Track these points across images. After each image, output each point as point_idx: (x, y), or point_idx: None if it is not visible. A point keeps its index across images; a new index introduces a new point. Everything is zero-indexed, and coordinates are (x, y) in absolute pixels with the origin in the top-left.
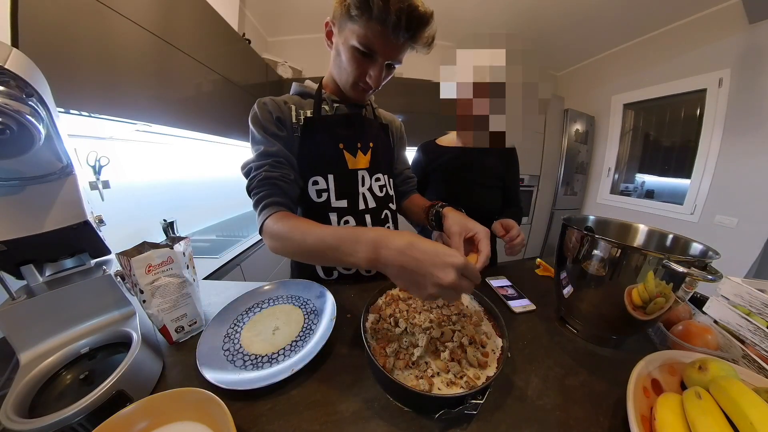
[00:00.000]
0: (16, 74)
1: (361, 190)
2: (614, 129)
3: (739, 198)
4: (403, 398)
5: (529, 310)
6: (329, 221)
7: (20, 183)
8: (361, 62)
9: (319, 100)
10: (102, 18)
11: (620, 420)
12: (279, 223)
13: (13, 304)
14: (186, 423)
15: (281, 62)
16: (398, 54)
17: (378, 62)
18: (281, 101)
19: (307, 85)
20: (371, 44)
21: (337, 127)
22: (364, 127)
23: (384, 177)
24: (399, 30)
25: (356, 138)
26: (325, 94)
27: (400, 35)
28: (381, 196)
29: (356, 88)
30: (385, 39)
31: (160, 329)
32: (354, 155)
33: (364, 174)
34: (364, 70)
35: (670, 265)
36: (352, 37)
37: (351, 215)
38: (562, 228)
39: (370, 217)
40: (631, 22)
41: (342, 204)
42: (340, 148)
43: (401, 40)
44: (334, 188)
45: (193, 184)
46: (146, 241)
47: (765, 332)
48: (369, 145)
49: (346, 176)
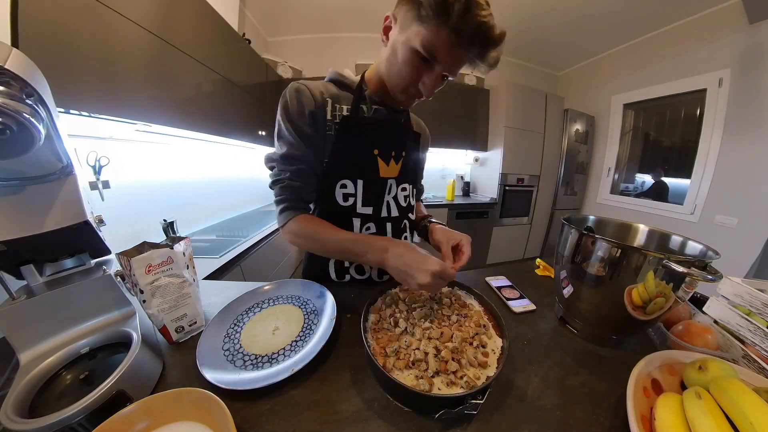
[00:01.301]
0: (16, 74)
1: (386, 198)
2: (614, 129)
3: (739, 198)
4: (403, 398)
5: (529, 310)
6: (351, 226)
7: (20, 183)
8: (418, 67)
9: (359, 97)
10: (102, 18)
11: (620, 420)
12: (303, 224)
13: (13, 304)
14: (186, 423)
15: (281, 62)
16: (459, 67)
17: (435, 71)
18: (317, 92)
19: (347, 76)
20: (436, 51)
21: (374, 132)
22: (400, 135)
23: (409, 187)
24: (472, 45)
25: (392, 145)
26: (366, 90)
27: (470, 50)
28: (404, 206)
29: (406, 93)
30: (452, 50)
31: (160, 329)
32: (387, 163)
33: (392, 182)
34: (419, 75)
35: (670, 265)
36: (416, 39)
37: (373, 222)
38: (561, 228)
39: (391, 226)
40: (631, 22)
41: (367, 211)
42: (375, 155)
43: (469, 55)
44: (362, 194)
45: (193, 184)
46: (146, 241)
47: (765, 332)
48: (402, 154)
49: (375, 183)
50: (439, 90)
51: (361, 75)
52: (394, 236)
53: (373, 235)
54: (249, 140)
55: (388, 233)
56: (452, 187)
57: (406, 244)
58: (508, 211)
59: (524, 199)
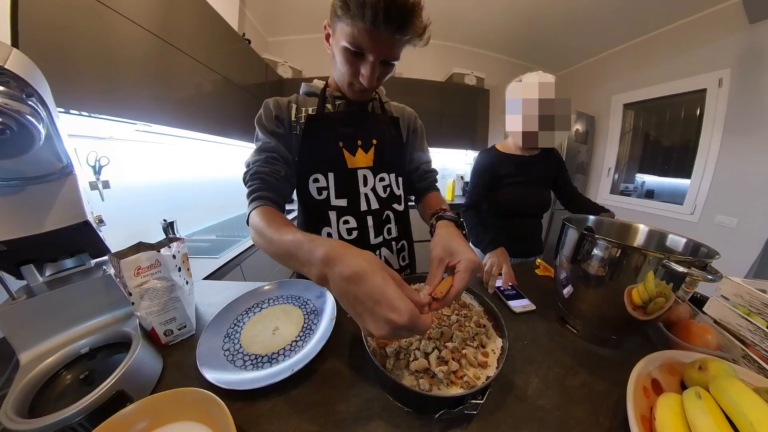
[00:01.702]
0: (16, 74)
1: (363, 190)
2: (614, 129)
3: (739, 198)
4: (403, 398)
5: (529, 310)
6: (329, 220)
7: (20, 183)
8: (353, 62)
9: (323, 98)
10: (102, 18)
11: (620, 420)
12: (259, 217)
13: (13, 304)
14: (186, 423)
15: (281, 62)
16: (389, 50)
17: (369, 60)
18: (285, 101)
19: (314, 84)
20: (358, 42)
21: (337, 125)
22: (367, 124)
23: (390, 176)
24: (379, 24)
25: (357, 136)
26: (329, 91)
27: (382, 29)
28: (384, 197)
29: (352, 89)
30: (369, 35)
31: (149, 331)
32: (353, 154)
33: (366, 173)
34: (357, 69)
35: (670, 265)
36: (342, 37)
37: (351, 215)
38: (562, 228)
39: (371, 219)
40: (631, 22)
41: (341, 203)
42: (340, 147)
43: (385, 34)
44: (333, 187)
45: (193, 184)
46: (142, 241)
47: (765, 332)
48: (372, 143)
49: (345, 175)
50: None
51: (326, 80)
52: (376, 231)
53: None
54: (249, 140)
55: (369, 227)
56: (452, 187)
57: (367, 257)
58: None
59: None
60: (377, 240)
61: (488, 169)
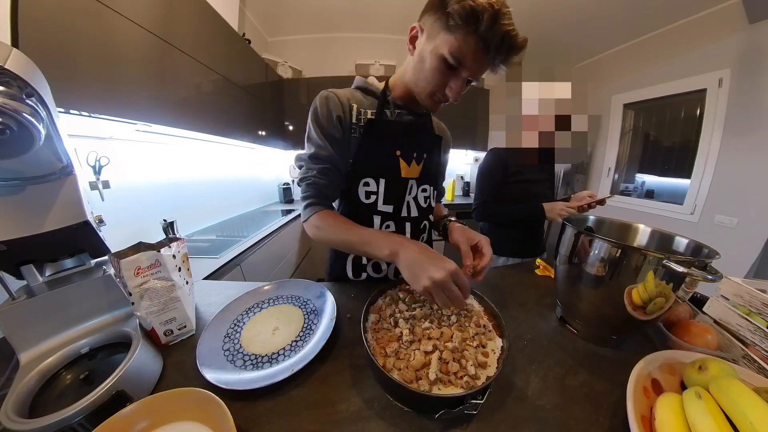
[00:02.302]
0: (16, 74)
1: (407, 198)
2: (614, 129)
3: (739, 198)
4: (403, 398)
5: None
6: (372, 223)
7: (20, 183)
8: (445, 73)
9: (383, 102)
10: (102, 18)
11: (620, 420)
12: (325, 219)
13: (13, 304)
14: (186, 423)
15: (281, 62)
16: (483, 72)
17: (461, 76)
18: (344, 98)
19: (371, 83)
20: (463, 58)
21: (397, 134)
22: (422, 138)
23: (430, 189)
24: (497, 52)
25: (413, 147)
26: (390, 96)
27: (496, 57)
28: (424, 207)
29: (432, 98)
30: (478, 56)
31: (149, 331)
32: (408, 164)
33: (413, 183)
34: (445, 81)
35: (671, 266)
36: (443, 47)
37: (393, 221)
38: (562, 228)
39: (410, 225)
40: (631, 22)
41: (388, 209)
42: (397, 155)
43: (495, 61)
44: (383, 192)
45: (193, 184)
46: (142, 241)
47: (765, 332)
48: (423, 156)
49: (397, 183)
50: None
51: (386, 82)
52: (412, 236)
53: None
54: (249, 140)
55: (407, 233)
56: (452, 187)
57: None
58: None
59: None
60: None
61: (498, 166)
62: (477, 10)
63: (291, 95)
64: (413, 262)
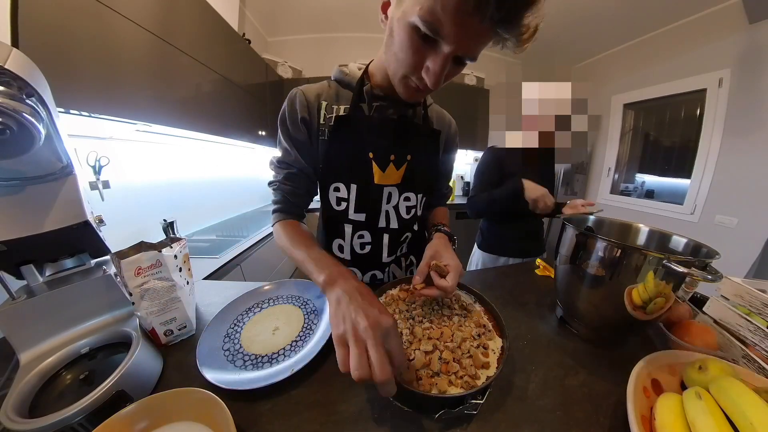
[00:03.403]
0: (16, 74)
1: (385, 207)
2: (614, 129)
3: (739, 198)
4: (403, 398)
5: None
6: (343, 232)
7: (20, 183)
8: (419, 49)
9: (358, 94)
10: (102, 18)
11: (620, 420)
12: (281, 231)
13: (13, 304)
14: (186, 423)
15: (281, 62)
16: (475, 43)
17: (442, 51)
18: (313, 95)
19: (349, 72)
20: (438, 24)
21: (371, 133)
22: (405, 136)
23: (416, 197)
24: (486, 7)
25: (391, 149)
26: (368, 86)
27: (486, 15)
28: (406, 219)
29: (406, 84)
30: (460, 18)
31: (149, 331)
32: (383, 169)
33: (392, 190)
34: (421, 59)
35: (671, 266)
36: (412, 11)
37: (368, 230)
38: (561, 228)
39: (388, 237)
40: (631, 22)
41: (360, 218)
42: (369, 158)
43: (486, 22)
44: (354, 200)
45: (193, 184)
46: (143, 241)
47: (765, 332)
48: (406, 158)
49: (370, 190)
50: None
51: (365, 67)
52: (390, 249)
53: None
54: (249, 140)
55: (385, 245)
56: (452, 187)
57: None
58: None
59: None
60: (389, 259)
61: (494, 165)
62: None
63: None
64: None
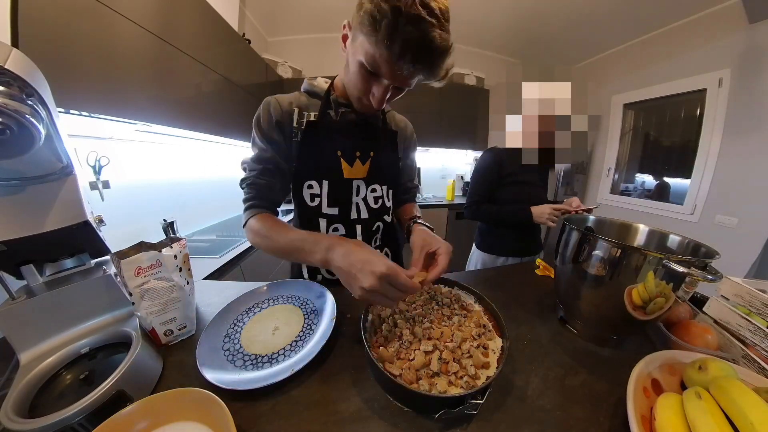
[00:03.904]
0: (16, 74)
1: (355, 200)
2: (614, 129)
3: (739, 198)
4: (403, 398)
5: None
6: (318, 227)
7: (20, 183)
8: (366, 79)
9: (326, 103)
10: (102, 18)
11: (620, 420)
12: (260, 223)
13: (13, 304)
14: (186, 423)
15: (281, 62)
16: (405, 81)
17: (383, 84)
18: (286, 102)
19: (317, 85)
20: (377, 66)
21: (338, 134)
22: (367, 136)
23: (382, 188)
24: (403, 61)
25: (356, 146)
26: (334, 96)
27: (404, 67)
28: (375, 208)
29: (360, 103)
30: (390, 65)
31: (149, 331)
32: (351, 164)
33: (360, 183)
34: (368, 87)
35: (671, 266)
36: (360, 52)
37: (341, 223)
38: (561, 228)
39: (361, 228)
40: (631, 22)
41: (333, 211)
42: (338, 156)
43: (406, 72)
44: (327, 195)
45: (193, 184)
46: (144, 240)
47: (765, 332)
48: (369, 155)
49: (340, 184)
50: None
51: (331, 81)
52: (364, 239)
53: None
54: (249, 140)
55: (358, 235)
56: (452, 187)
57: (357, 242)
58: None
59: None
60: None
61: (494, 166)
62: (374, 15)
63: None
64: (343, 271)
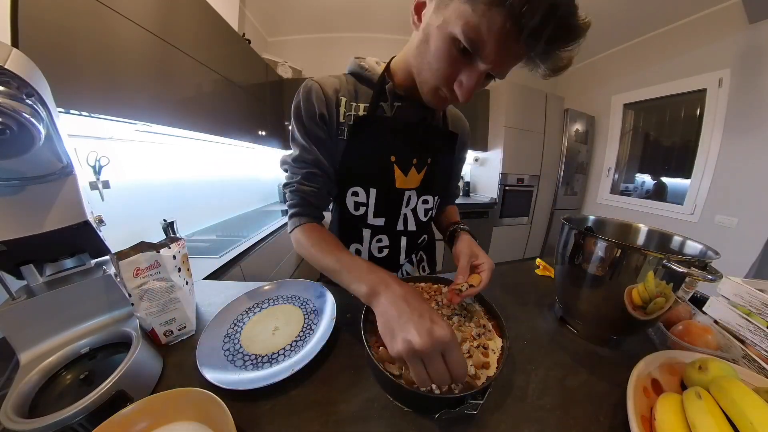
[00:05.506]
0: (16, 74)
1: (403, 211)
2: (614, 129)
3: (739, 198)
4: (403, 398)
5: None
6: (361, 237)
7: (20, 183)
8: (455, 61)
9: (379, 93)
10: (102, 18)
11: (620, 420)
12: (305, 236)
13: (13, 304)
14: (186, 423)
15: (281, 62)
16: (511, 65)
17: (478, 68)
18: (331, 89)
19: (369, 67)
20: (482, 41)
21: (394, 135)
22: (427, 139)
23: (433, 199)
24: (537, 36)
25: (413, 152)
26: (390, 84)
27: (534, 43)
28: (424, 221)
29: (436, 95)
30: (505, 40)
31: (148, 332)
32: (406, 173)
33: (411, 194)
34: (455, 72)
35: (670, 266)
36: (456, 22)
37: (386, 234)
38: (562, 228)
39: (406, 240)
40: (631, 22)
41: (379, 222)
42: (391, 162)
43: (531, 50)
44: (374, 204)
45: (193, 184)
46: (144, 240)
47: (765, 332)
48: (427, 162)
49: (390, 194)
50: None
51: (387, 65)
52: (408, 252)
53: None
54: (249, 140)
55: (402, 248)
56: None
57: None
58: (508, 211)
59: (524, 199)
60: (405, 260)
61: None
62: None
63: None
64: (392, 314)
